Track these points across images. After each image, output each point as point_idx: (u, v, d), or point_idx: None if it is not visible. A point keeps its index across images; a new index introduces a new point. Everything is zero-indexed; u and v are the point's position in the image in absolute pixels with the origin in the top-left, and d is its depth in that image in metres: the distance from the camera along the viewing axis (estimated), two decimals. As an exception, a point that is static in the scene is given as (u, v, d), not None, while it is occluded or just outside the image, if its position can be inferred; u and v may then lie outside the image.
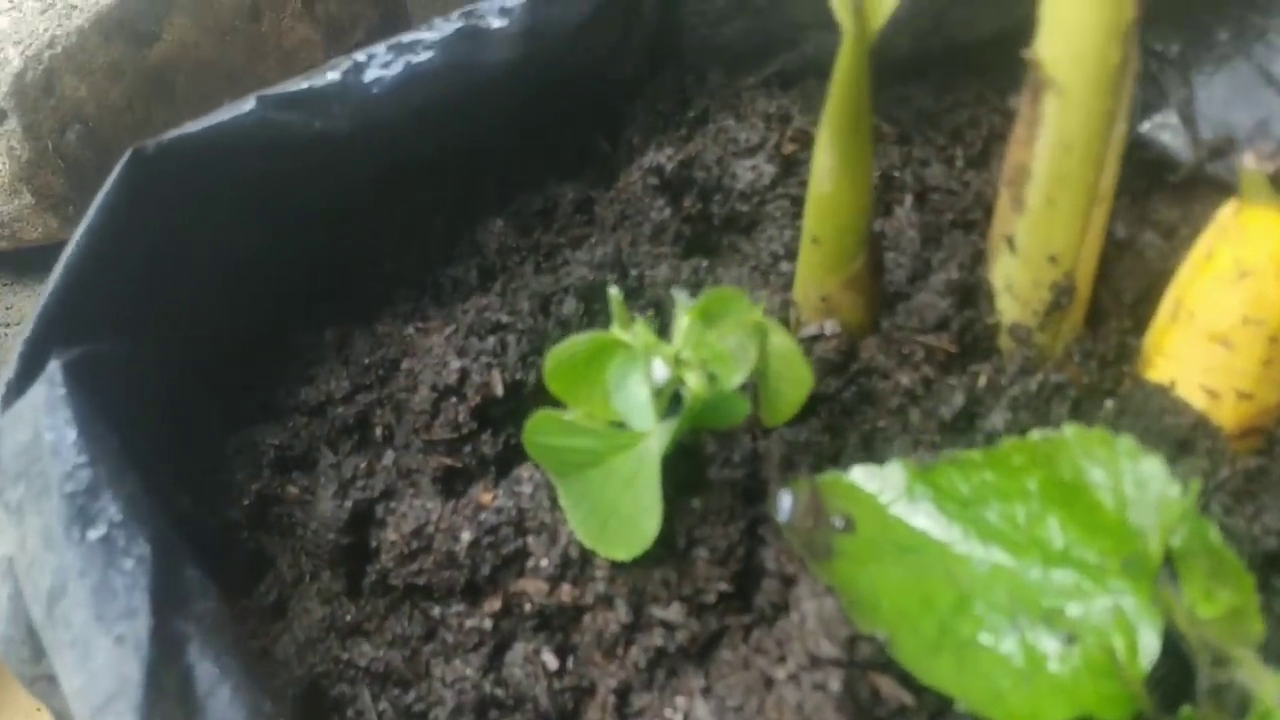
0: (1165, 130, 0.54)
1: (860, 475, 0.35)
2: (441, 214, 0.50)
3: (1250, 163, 0.40)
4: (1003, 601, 0.32)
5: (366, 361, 0.44)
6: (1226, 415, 0.44)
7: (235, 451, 0.42)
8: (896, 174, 0.54)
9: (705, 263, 0.48)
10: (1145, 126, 0.55)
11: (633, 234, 0.49)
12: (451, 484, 0.41)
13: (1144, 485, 0.32)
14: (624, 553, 0.33)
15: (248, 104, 0.41)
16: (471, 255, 0.50)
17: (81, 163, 0.72)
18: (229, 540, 0.39)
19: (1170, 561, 0.32)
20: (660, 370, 0.34)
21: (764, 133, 0.53)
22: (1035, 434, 0.34)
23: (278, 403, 0.43)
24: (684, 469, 0.36)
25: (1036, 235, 0.42)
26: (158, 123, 0.78)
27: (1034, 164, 0.40)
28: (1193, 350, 0.44)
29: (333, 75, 0.43)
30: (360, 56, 0.45)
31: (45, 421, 0.30)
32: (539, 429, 0.34)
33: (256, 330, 0.44)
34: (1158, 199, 0.56)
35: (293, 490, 0.40)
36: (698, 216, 0.50)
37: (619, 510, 0.33)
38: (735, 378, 0.35)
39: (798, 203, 0.51)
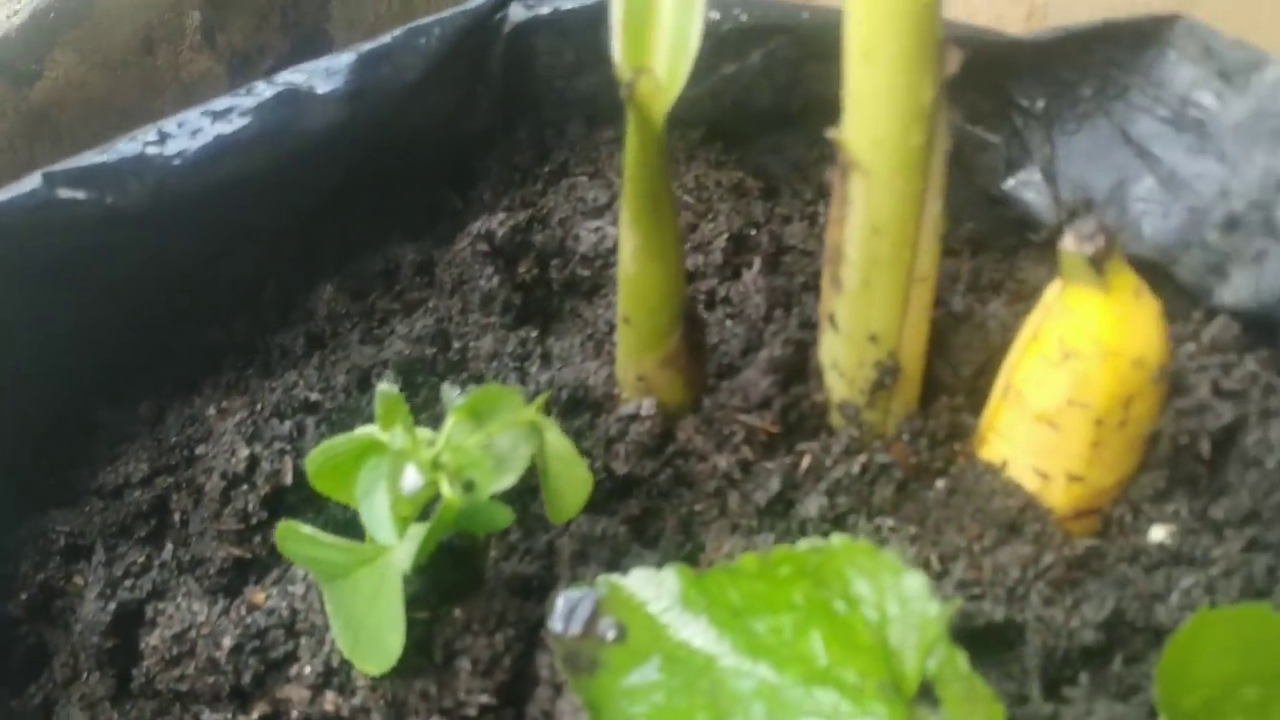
0: (1029, 188, 0.53)
1: (635, 580, 0.34)
2: (274, 278, 0.49)
3: (1069, 244, 0.39)
4: (762, 722, 0.31)
5: (173, 440, 0.43)
6: (1058, 497, 0.42)
7: (25, 539, 0.40)
8: (752, 233, 0.53)
9: (535, 333, 0.47)
10: (1009, 183, 0.54)
11: (463, 302, 0.48)
12: (245, 573, 0.39)
13: (906, 603, 0.31)
14: (374, 667, 0.32)
15: (32, 181, 0.40)
16: (303, 321, 0.48)
17: None
18: (8, 635, 0.38)
19: (930, 684, 0.30)
20: (412, 478, 0.32)
21: (616, 190, 0.52)
22: (804, 543, 0.33)
23: (78, 484, 0.42)
24: (453, 573, 0.35)
25: (856, 315, 0.41)
26: (41, 164, 0.77)
27: (846, 246, 0.39)
28: (1023, 430, 0.42)
29: (130, 147, 0.41)
30: (168, 125, 0.43)
31: None
32: (286, 538, 0.32)
33: (60, 409, 0.43)
34: (1023, 256, 0.55)
35: (78, 581, 0.39)
36: (535, 282, 0.49)
37: (366, 624, 0.32)
38: (500, 482, 0.33)
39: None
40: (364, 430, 0.35)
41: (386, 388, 0.34)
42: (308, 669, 0.34)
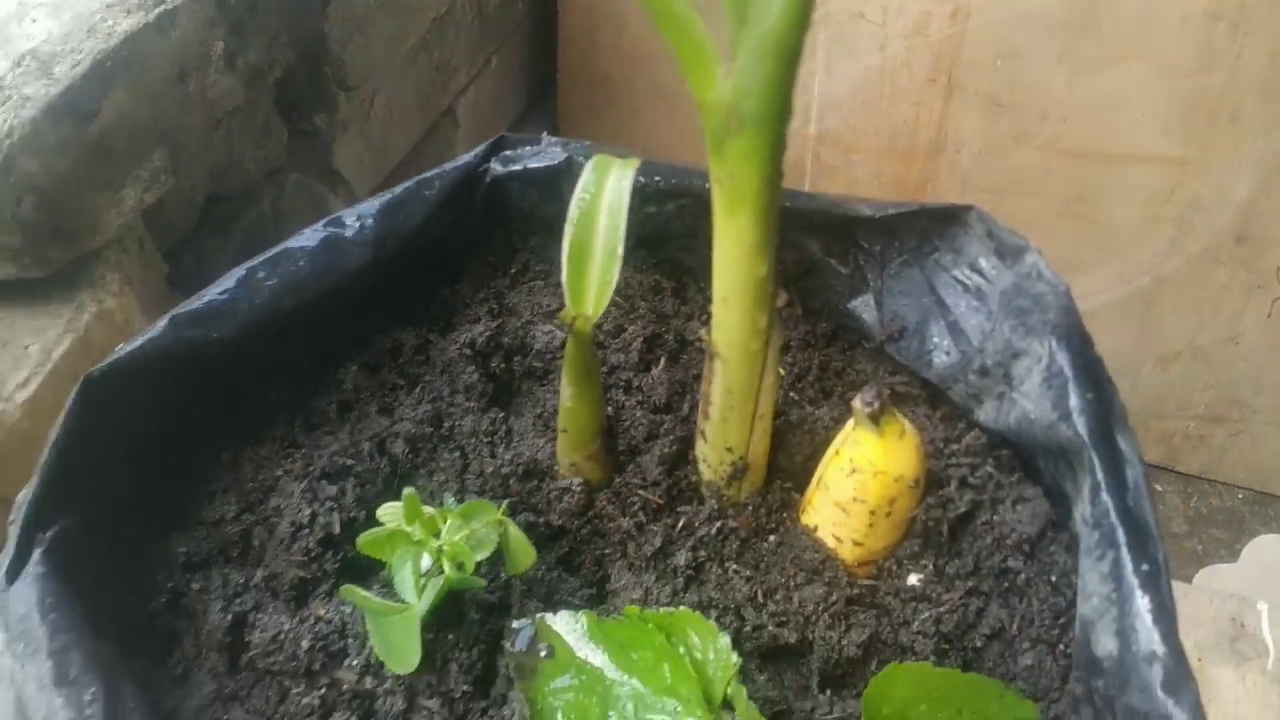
0: (865, 309, 0.73)
1: (559, 620, 0.55)
2: (314, 360, 0.68)
3: (858, 404, 0.59)
4: (630, 714, 0.52)
5: (250, 485, 0.63)
6: (846, 554, 0.64)
7: (156, 556, 0.60)
8: (663, 332, 0.72)
9: (501, 414, 0.67)
10: (852, 303, 0.74)
11: (451, 385, 0.67)
12: (306, 587, 0.60)
13: (719, 652, 0.52)
14: (400, 669, 0.53)
15: (161, 324, 0.58)
16: (335, 390, 0.68)
17: (34, 223, 0.88)
18: (153, 624, 0.58)
19: (729, 702, 0.52)
20: (425, 561, 0.53)
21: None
22: (665, 609, 0.54)
23: (188, 517, 0.62)
24: (449, 611, 0.56)
25: (717, 436, 0.61)
26: (98, 181, 0.93)
27: (712, 396, 0.59)
28: (826, 510, 0.63)
29: (222, 295, 0.60)
30: (246, 268, 0.62)
31: (34, 599, 0.49)
32: (348, 594, 0.53)
33: (171, 460, 0.62)
34: (860, 354, 0.75)
35: (195, 587, 0.59)
36: (502, 372, 0.68)
37: (395, 644, 0.53)
38: (479, 557, 0.54)
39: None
40: (394, 521, 0.55)
41: (409, 492, 0.54)
42: (355, 661, 0.55)
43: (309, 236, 0.64)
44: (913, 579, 0.64)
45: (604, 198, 0.55)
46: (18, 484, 0.88)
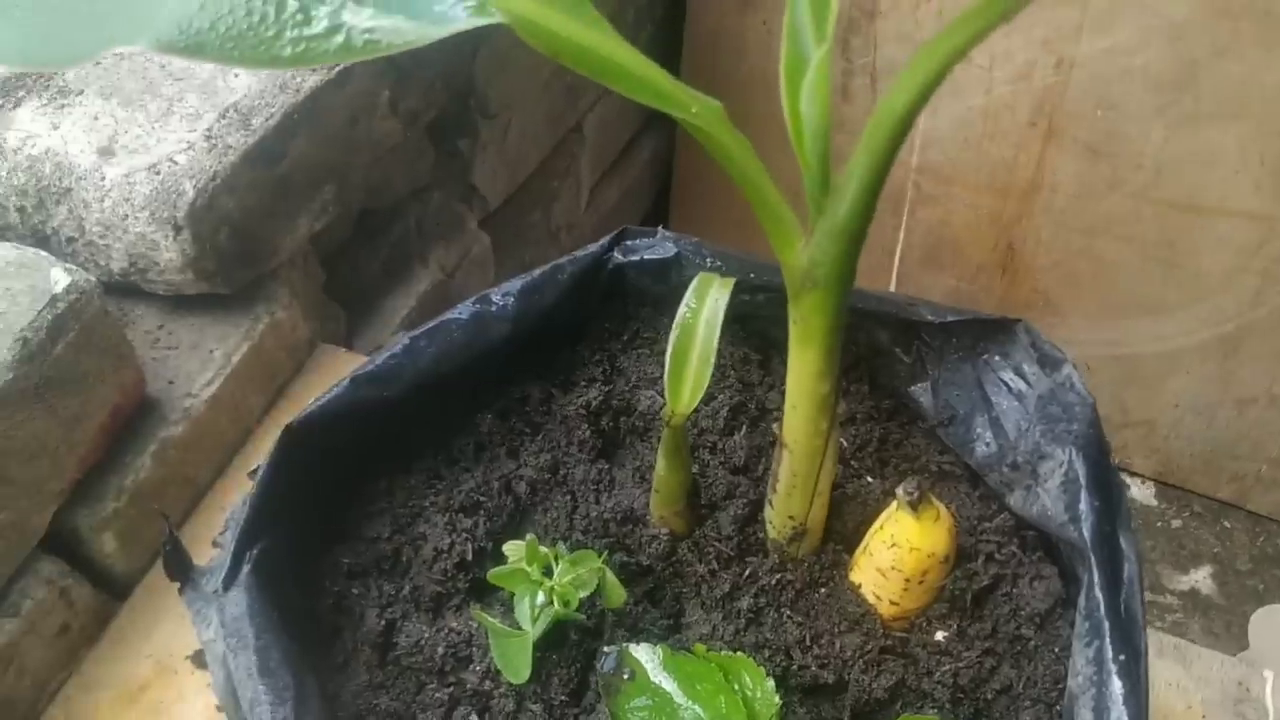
0: (924, 394, 0.85)
1: (640, 650, 0.69)
2: (456, 408, 0.83)
3: (900, 493, 0.71)
4: (692, 734, 0.66)
5: (401, 510, 0.78)
6: (884, 610, 0.76)
7: (323, 565, 0.76)
8: (747, 400, 0.85)
9: (607, 465, 0.81)
10: (913, 388, 0.85)
11: (567, 439, 0.81)
12: (442, 601, 0.75)
13: (765, 693, 0.66)
14: (514, 679, 0.68)
15: (344, 383, 0.73)
16: (472, 434, 0.82)
17: (228, 250, 1.04)
18: (321, 621, 0.74)
19: None
20: (540, 598, 0.67)
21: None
22: (725, 651, 0.67)
23: (349, 533, 0.77)
24: (555, 635, 0.70)
25: (782, 505, 0.74)
26: (279, 213, 1.09)
27: (780, 475, 0.72)
28: (869, 573, 0.76)
29: (393, 360, 0.75)
30: (410, 337, 0.76)
31: (244, 604, 0.64)
32: (477, 617, 0.68)
33: (338, 488, 0.78)
34: (915, 433, 0.87)
35: (355, 592, 0.75)
36: (610, 429, 0.82)
37: (511, 660, 0.67)
38: (580, 596, 0.68)
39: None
40: (516, 557, 0.69)
41: (530, 538, 0.69)
42: (478, 666, 0.70)
43: (462, 310, 0.78)
44: (939, 635, 0.77)
45: (703, 313, 0.68)
46: (200, 465, 1.05)
